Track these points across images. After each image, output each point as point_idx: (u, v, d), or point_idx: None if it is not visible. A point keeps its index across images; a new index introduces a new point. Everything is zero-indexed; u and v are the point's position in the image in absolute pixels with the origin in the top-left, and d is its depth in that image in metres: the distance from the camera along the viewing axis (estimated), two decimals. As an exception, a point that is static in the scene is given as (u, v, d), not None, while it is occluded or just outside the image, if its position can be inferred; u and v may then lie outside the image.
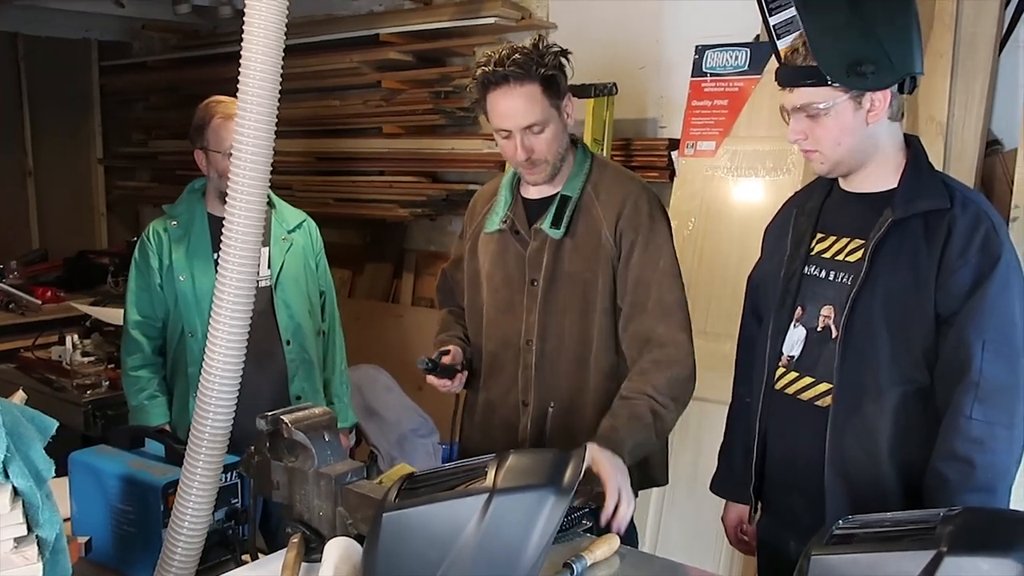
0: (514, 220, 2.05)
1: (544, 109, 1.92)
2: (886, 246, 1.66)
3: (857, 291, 1.67)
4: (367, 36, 4.33)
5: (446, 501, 1.10)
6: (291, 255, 2.61)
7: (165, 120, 5.67)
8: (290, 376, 2.60)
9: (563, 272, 2.00)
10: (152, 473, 1.82)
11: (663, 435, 1.97)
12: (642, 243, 1.97)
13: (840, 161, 1.72)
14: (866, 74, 1.60)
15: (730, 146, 3.14)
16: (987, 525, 0.98)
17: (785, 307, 1.81)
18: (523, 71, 1.89)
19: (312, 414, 1.50)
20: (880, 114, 1.66)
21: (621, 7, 3.64)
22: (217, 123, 2.47)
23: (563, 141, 1.99)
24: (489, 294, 2.10)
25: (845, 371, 1.68)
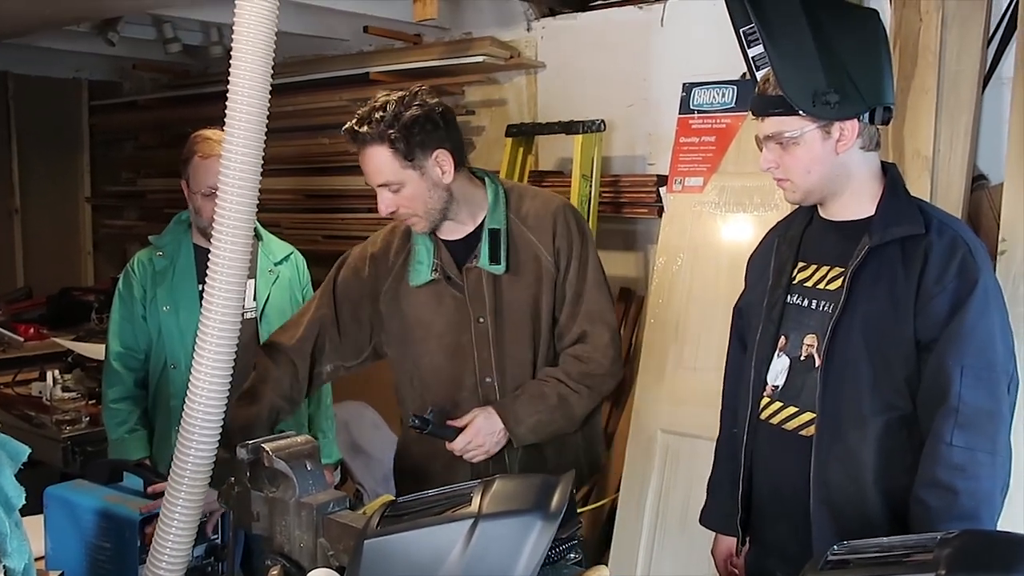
0: (442, 266, 2.03)
1: (395, 171, 1.92)
2: (864, 273, 1.66)
3: (837, 319, 1.67)
4: (357, 75, 4.36)
5: (430, 527, 1.07)
6: (277, 288, 2.60)
7: (154, 159, 5.68)
8: None
9: (506, 304, 2.02)
10: (129, 507, 1.77)
11: (572, 418, 2.04)
12: (576, 258, 2.03)
13: (811, 190, 1.73)
14: (831, 103, 1.62)
15: (718, 182, 3.14)
16: (985, 547, 0.96)
17: (768, 336, 1.81)
18: (371, 133, 1.89)
19: (294, 443, 1.46)
20: (849, 144, 1.67)
21: (609, 46, 3.68)
22: (197, 162, 2.47)
23: (434, 195, 1.96)
24: (433, 344, 2.06)
25: (827, 400, 1.68)
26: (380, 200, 1.97)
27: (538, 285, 2.02)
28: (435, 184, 1.96)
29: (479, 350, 2.02)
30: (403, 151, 1.90)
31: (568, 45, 3.91)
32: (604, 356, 2.03)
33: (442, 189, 1.97)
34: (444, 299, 2.04)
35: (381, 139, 1.89)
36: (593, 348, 2.02)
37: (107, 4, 3.87)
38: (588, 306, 2.03)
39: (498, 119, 4.19)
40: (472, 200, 2.03)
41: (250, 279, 2.51)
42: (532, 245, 2.02)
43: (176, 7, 4.03)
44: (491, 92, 4.22)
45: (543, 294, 2.02)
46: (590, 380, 2.03)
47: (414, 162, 1.92)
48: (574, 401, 2.01)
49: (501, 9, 4.04)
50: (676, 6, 3.59)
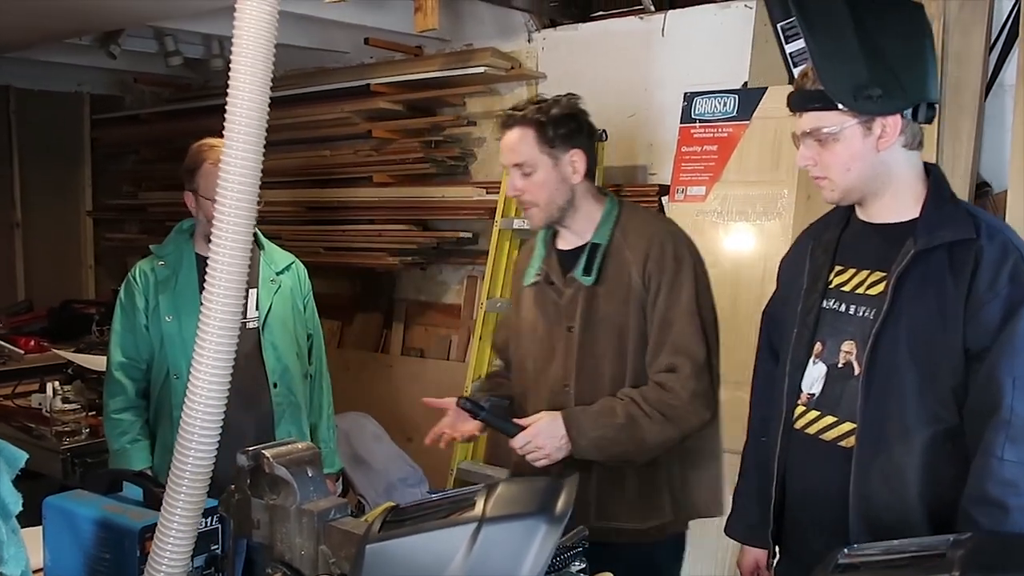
0: (548, 271, 2.12)
1: (533, 153, 2.02)
2: (909, 278, 1.58)
3: (880, 326, 1.59)
4: (358, 86, 4.37)
5: (432, 531, 1.05)
6: (279, 297, 2.58)
7: (155, 172, 5.69)
8: (276, 419, 2.54)
9: (597, 317, 2.05)
10: (129, 517, 1.75)
11: (641, 444, 1.98)
12: (667, 284, 2.01)
13: (850, 188, 1.66)
14: (873, 97, 1.55)
15: (720, 191, 3.14)
16: (999, 548, 0.94)
17: (803, 342, 1.74)
18: (522, 116, 2.04)
19: (295, 449, 1.44)
20: (891, 140, 1.60)
21: (610, 56, 3.68)
22: (208, 168, 2.44)
23: (560, 191, 2.04)
24: (530, 344, 2.16)
25: (869, 410, 1.60)
26: (509, 182, 2.10)
27: (627, 304, 2.04)
28: (563, 180, 2.05)
29: (565, 357, 2.08)
30: (546, 137, 2.02)
31: (569, 56, 3.92)
32: (684, 389, 1.98)
33: (567, 188, 2.06)
34: (545, 303, 2.13)
35: (528, 122, 2.03)
36: (676, 379, 1.98)
37: (109, 16, 3.88)
38: (675, 337, 2.00)
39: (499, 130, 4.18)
40: (590, 214, 2.10)
41: (252, 288, 2.49)
42: (627, 264, 2.05)
43: (177, 20, 4.05)
44: (492, 103, 4.22)
45: (631, 314, 2.03)
46: (668, 409, 1.97)
47: (552, 150, 2.03)
48: (644, 425, 1.96)
49: (502, 20, 4.05)
50: (677, 16, 3.60)
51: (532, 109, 2.05)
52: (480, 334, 3.82)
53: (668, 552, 2.13)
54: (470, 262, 4.35)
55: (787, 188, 3.09)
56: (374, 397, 4.23)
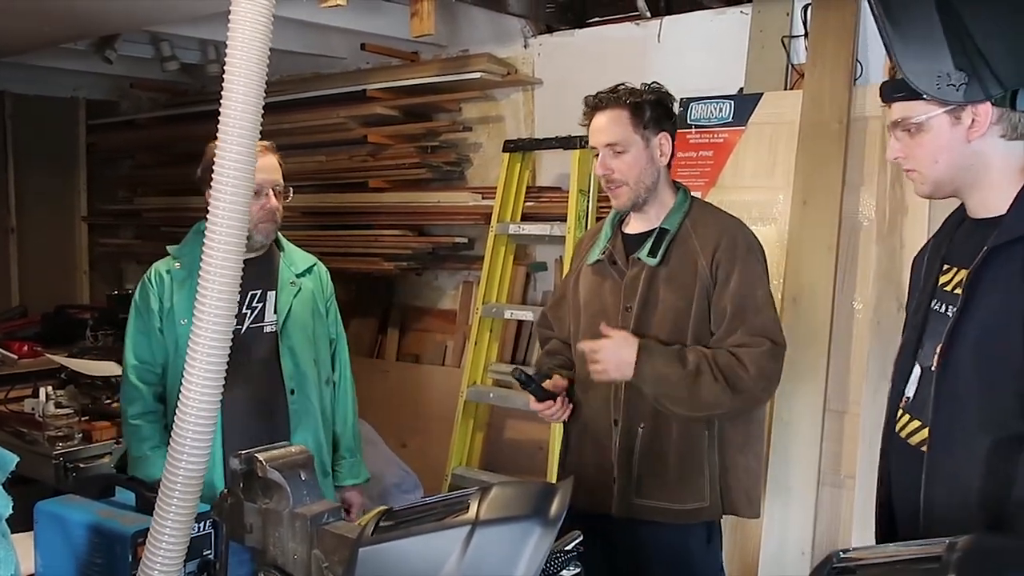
0: (612, 252, 2.18)
1: (626, 132, 2.10)
2: (985, 275, 1.51)
3: (953, 325, 1.53)
4: (354, 92, 4.37)
5: (426, 534, 1.04)
6: (299, 300, 2.47)
7: (151, 177, 5.68)
8: (292, 427, 2.43)
9: (656, 300, 2.11)
10: (121, 522, 1.74)
11: (695, 399, 2.02)
12: (739, 271, 2.06)
13: (939, 181, 1.58)
14: (956, 85, 1.46)
15: (716, 196, 3.14)
16: (995, 552, 0.93)
17: (909, 343, 1.68)
18: (615, 97, 2.12)
19: (288, 452, 1.43)
20: (982, 130, 1.51)
21: (606, 62, 3.68)
22: None
23: (648, 171, 2.12)
24: (585, 321, 2.20)
25: (939, 413, 1.55)
26: (599, 162, 2.14)
27: (691, 290, 2.08)
28: (652, 160, 2.12)
29: None
30: (640, 118, 2.10)
31: (565, 62, 3.92)
32: (754, 365, 2.02)
33: (655, 169, 2.13)
34: (606, 282, 2.19)
35: (621, 103, 2.11)
36: (750, 353, 2.03)
37: (105, 22, 3.87)
38: (753, 319, 2.05)
39: (495, 135, 4.19)
40: (664, 200, 2.17)
41: (270, 291, 2.42)
42: (695, 252, 2.10)
43: (174, 25, 4.04)
44: (488, 108, 4.23)
45: (694, 300, 2.08)
46: (734, 378, 2.01)
47: (644, 132, 2.11)
48: (706, 382, 2.01)
49: (498, 26, 4.05)
50: (672, 22, 3.60)
51: (625, 91, 2.13)
52: (476, 339, 3.81)
53: (700, 538, 2.16)
54: (466, 267, 4.34)
55: (783, 194, 3.09)
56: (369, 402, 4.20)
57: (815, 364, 2.89)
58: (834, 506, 2.85)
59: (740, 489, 2.15)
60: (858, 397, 2.81)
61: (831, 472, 2.87)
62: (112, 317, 4.10)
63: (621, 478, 2.12)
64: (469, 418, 3.82)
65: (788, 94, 3.18)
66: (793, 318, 2.93)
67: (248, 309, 2.40)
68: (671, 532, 2.12)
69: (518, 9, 3.78)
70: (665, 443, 2.11)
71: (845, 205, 2.94)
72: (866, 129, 2.97)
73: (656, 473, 2.12)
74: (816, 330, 2.91)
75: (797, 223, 3.01)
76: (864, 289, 2.88)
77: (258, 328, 2.41)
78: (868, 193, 2.92)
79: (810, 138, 3.03)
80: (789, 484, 2.88)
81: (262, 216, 2.35)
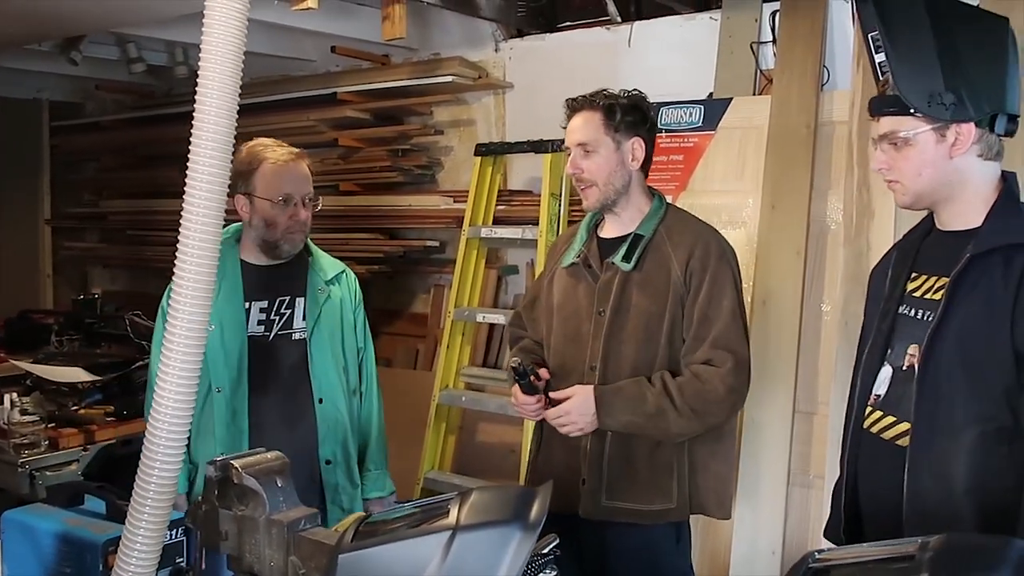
0: (587, 255, 2.20)
1: (597, 133, 2.13)
2: (964, 282, 1.62)
3: (935, 328, 1.64)
4: (324, 95, 4.35)
5: (406, 540, 1.04)
6: (328, 308, 2.38)
7: (117, 180, 5.61)
8: (320, 438, 2.33)
9: (629, 304, 2.12)
10: (91, 530, 1.71)
11: (665, 433, 2.08)
12: (710, 282, 2.09)
13: (920, 194, 1.70)
14: (946, 104, 1.59)
15: (686, 200, 3.17)
16: (968, 549, 0.95)
17: (877, 346, 1.78)
18: (590, 100, 2.15)
19: (264, 459, 1.42)
20: (964, 149, 1.63)
21: (577, 66, 3.70)
22: (267, 169, 2.27)
23: (617, 174, 2.14)
24: (558, 324, 2.23)
25: (922, 409, 1.65)
26: (570, 161, 2.17)
27: (663, 297, 2.11)
28: (622, 164, 2.14)
29: (593, 340, 2.15)
30: (612, 121, 2.13)
31: (536, 66, 3.93)
32: (722, 383, 2.05)
33: (625, 173, 2.15)
34: (579, 286, 2.20)
35: (595, 106, 2.14)
36: (715, 373, 2.05)
37: (70, 23, 3.82)
38: (718, 333, 2.07)
39: (466, 139, 4.19)
40: (639, 205, 2.19)
41: (299, 298, 2.34)
42: (668, 258, 2.12)
43: (141, 26, 3.99)
44: (459, 112, 4.23)
45: (667, 306, 2.10)
46: (700, 404, 2.05)
47: (616, 134, 2.13)
48: (672, 419, 2.05)
49: (469, 30, 4.06)
50: (643, 27, 3.63)
51: (602, 95, 2.16)
52: (448, 343, 3.81)
53: (669, 539, 2.18)
54: (437, 271, 4.34)
55: (752, 197, 3.13)
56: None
57: (784, 366, 2.93)
58: (803, 506, 2.88)
59: (710, 490, 2.17)
60: (827, 398, 2.85)
61: (800, 472, 2.90)
62: (77, 322, 4.04)
63: (591, 480, 2.14)
64: (441, 422, 3.81)
65: (757, 99, 3.22)
66: (762, 320, 2.96)
67: (276, 315, 2.33)
68: (639, 533, 2.14)
69: (489, 13, 3.79)
70: (635, 445, 2.13)
71: (813, 209, 2.99)
72: (833, 134, 3.01)
73: (625, 475, 2.13)
74: (785, 332, 2.94)
75: (766, 227, 3.04)
76: (832, 291, 2.92)
77: (286, 335, 2.33)
78: (835, 197, 2.96)
79: (779, 143, 3.06)
80: (759, 484, 2.92)
81: (291, 227, 2.28)
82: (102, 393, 3.25)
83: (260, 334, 2.30)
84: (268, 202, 2.26)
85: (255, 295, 2.30)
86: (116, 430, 3.13)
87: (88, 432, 3.07)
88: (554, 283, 2.28)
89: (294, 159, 2.28)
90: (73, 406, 3.33)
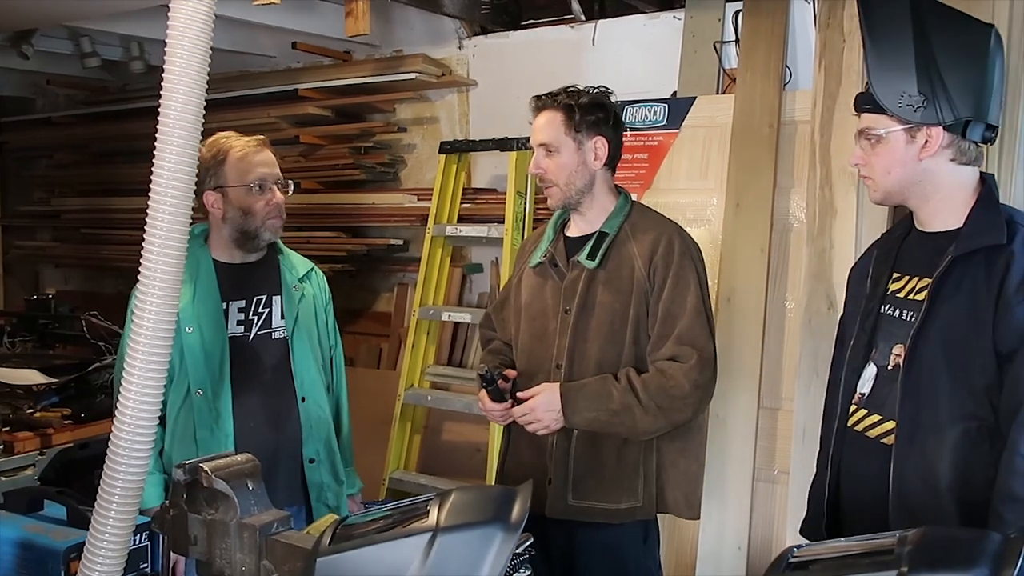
0: (554, 254, 2.21)
1: (558, 134, 2.13)
2: (947, 283, 1.65)
3: (918, 328, 1.67)
4: (285, 91, 4.29)
5: (385, 542, 1.03)
6: (303, 306, 2.35)
7: (70, 177, 5.48)
8: (304, 437, 2.30)
9: (594, 302, 2.13)
10: (52, 537, 1.68)
11: (631, 430, 2.09)
12: (673, 278, 2.09)
13: (890, 191, 1.74)
14: (914, 106, 1.62)
15: (651, 198, 3.18)
16: (946, 543, 0.97)
17: (860, 346, 1.81)
18: (553, 99, 2.16)
19: (234, 461, 1.39)
20: (932, 151, 1.66)
21: (541, 64, 3.70)
22: (236, 156, 2.22)
23: (579, 173, 2.14)
24: (525, 323, 2.24)
25: (906, 407, 1.67)
26: (534, 160, 2.18)
27: (628, 294, 2.11)
28: (584, 164, 2.14)
29: (559, 337, 2.15)
30: (572, 121, 2.12)
31: (500, 63, 3.92)
32: (687, 379, 2.05)
33: (588, 173, 2.15)
34: (546, 285, 2.21)
35: (558, 106, 2.14)
36: (681, 369, 2.06)
37: (22, 16, 3.71)
38: (682, 329, 2.07)
39: (429, 137, 4.17)
40: (604, 204, 2.19)
41: (275, 296, 2.30)
42: (632, 256, 2.13)
43: (95, 20, 3.90)
44: (422, 110, 4.20)
45: (631, 303, 2.11)
46: (665, 400, 2.05)
47: (577, 134, 2.13)
48: (638, 415, 2.05)
49: (432, 27, 4.03)
50: (607, 26, 3.64)
51: (563, 95, 2.15)
52: (412, 342, 3.78)
53: (636, 538, 2.18)
54: (400, 270, 4.31)
55: (716, 196, 3.15)
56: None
57: (749, 363, 2.95)
58: (768, 502, 2.91)
59: (678, 490, 2.17)
60: (791, 394, 2.88)
61: (765, 468, 2.93)
62: (31, 323, 3.93)
63: (557, 479, 2.14)
64: (406, 421, 3.79)
65: (720, 98, 3.25)
66: (727, 318, 2.99)
67: (255, 315, 2.28)
68: (606, 532, 2.14)
69: (453, 10, 3.76)
70: (602, 444, 2.14)
71: (776, 207, 3.02)
72: (796, 133, 3.04)
73: (592, 474, 2.14)
74: (749, 329, 2.97)
75: (730, 225, 3.07)
76: (795, 289, 2.95)
77: (266, 335, 2.29)
78: (798, 195, 2.99)
79: (742, 141, 3.09)
80: (725, 481, 2.94)
81: (268, 212, 2.23)
82: (59, 395, 3.16)
83: (240, 334, 2.25)
84: (243, 188, 2.21)
85: (231, 295, 2.26)
86: (73, 433, 3.04)
87: (44, 436, 2.99)
88: (522, 283, 2.29)
89: (259, 144, 2.25)
90: (28, 409, 3.23)
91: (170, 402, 2.20)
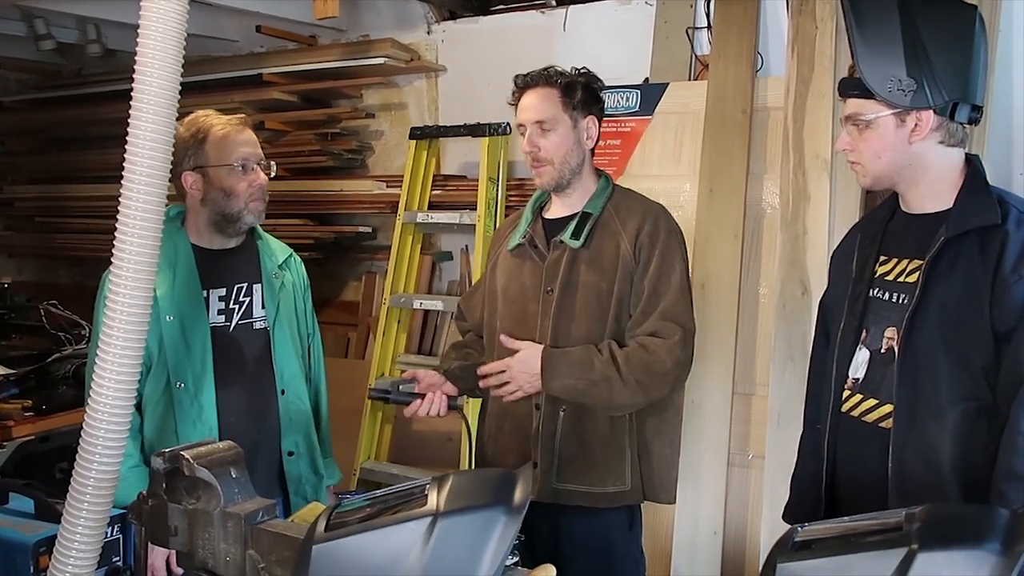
0: (533, 236, 2.19)
1: (555, 110, 2.11)
2: (941, 264, 1.66)
3: (913, 310, 1.66)
4: (249, 76, 4.20)
5: (384, 528, 0.99)
6: (284, 295, 2.26)
7: (23, 164, 5.33)
8: (283, 430, 2.22)
9: (578, 281, 2.11)
10: (20, 531, 1.62)
11: (608, 403, 2.07)
12: (659, 257, 2.09)
13: (880, 176, 1.74)
14: (905, 91, 1.62)
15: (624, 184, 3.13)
16: (954, 519, 0.96)
17: (850, 330, 1.80)
18: (546, 76, 2.15)
19: (216, 449, 1.35)
20: (922, 134, 1.67)
21: (511, 50, 3.66)
22: (218, 135, 2.11)
23: (574, 152, 2.14)
24: (503, 306, 2.21)
25: (904, 390, 1.67)
26: (527, 139, 2.14)
27: (613, 272, 2.10)
28: (578, 142, 2.14)
29: (542, 319, 2.13)
30: (568, 97, 2.12)
31: (469, 49, 3.88)
32: (669, 355, 2.05)
33: (580, 152, 2.15)
34: (525, 266, 2.19)
35: (552, 83, 2.13)
36: (663, 344, 2.05)
37: (-27, -5, 3.59)
38: (666, 306, 2.07)
39: (398, 123, 4.11)
40: (587, 185, 2.19)
41: (256, 284, 2.21)
42: (617, 234, 2.12)
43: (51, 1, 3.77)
44: (390, 95, 4.15)
45: (615, 282, 2.10)
46: (645, 375, 2.04)
47: (573, 112, 2.12)
48: (617, 388, 2.03)
49: (400, 11, 3.97)
50: (578, 11, 3.61)
51: (556, 72, 2.15)
52: (383, 330, 3.73)
53: (621, 525, 2.18)
54: (369, 258, 4.25)
55: (689, 182, 3.15)
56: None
57: (723, 348, 2.96)
58: (743, 486, 2.92)
59: (656, 475, 2.17)
60: (765, 379, 2.89)
61: (739, 453, 2.95)
62: (-15, 314, 3.82)
63: (543, 462, 2.12)
64: (377, 411, 3.74)
65: (693, 84, 3.24)
66: (701, 303, 2.98)
67: (236, 304, 2.19)
68: (592, 518, 2.13)
69: (422, -6, 3.72)
70: (588, 426, 2.12)
71: (749, 193, 3.02)
72: (768, 119, 3.05)
73: (578, 456, 2.12)
74: (723, 315, 2.98)
75: (704, 211, 3.07)
76: (769, 274, 2.96)
77: (247, 325, 2.20)
78: (771, 181, 3.00)
79: (715, 128, 3.09)
80: (700, 466, 2.94)
81: (252, 193, 2.13)
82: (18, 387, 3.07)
83: (221, 324, 2.16)
84: (226, 168, 2.10)
85: (211, 282, 2.15)
86: (35, 426, 2.96)
87: (4, 428, 2.90)
88: (498, 266, 2.26)
89: (241, 123, 2.16)
90: (-15, 402, 3.14)
91: (147, 394, 2.11)
